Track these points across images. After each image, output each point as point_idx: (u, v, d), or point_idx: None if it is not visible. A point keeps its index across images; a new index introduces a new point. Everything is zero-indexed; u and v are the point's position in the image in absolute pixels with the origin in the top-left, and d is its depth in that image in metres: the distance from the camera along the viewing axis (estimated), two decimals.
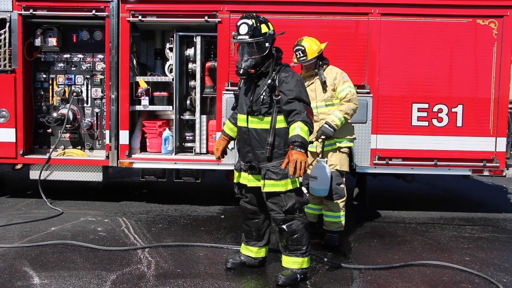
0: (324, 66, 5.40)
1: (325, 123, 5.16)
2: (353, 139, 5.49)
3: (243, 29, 4.13)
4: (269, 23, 4.24)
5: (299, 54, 5.32)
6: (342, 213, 5.34)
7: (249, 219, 4.48)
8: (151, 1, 6.51)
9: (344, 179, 5.36)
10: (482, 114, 6.37)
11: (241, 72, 4.13)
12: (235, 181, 4.45)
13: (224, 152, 4.61)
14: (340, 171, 5.31)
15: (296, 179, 4.14)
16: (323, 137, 5.16)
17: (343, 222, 5.36)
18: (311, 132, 4.05)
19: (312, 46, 5.32)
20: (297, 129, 3.96)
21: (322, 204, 5.49)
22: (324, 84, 5.27)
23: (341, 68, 6.36)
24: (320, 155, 5.28)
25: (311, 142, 5.12)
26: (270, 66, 4.18)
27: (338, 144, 5.31)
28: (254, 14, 4.23)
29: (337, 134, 5.24)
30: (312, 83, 5.35)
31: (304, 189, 4.84)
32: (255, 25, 4.13)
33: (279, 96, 4.09)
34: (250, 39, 4.11)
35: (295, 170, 3.88)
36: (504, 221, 6.53)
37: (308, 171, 5.17)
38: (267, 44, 4.15)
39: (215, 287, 4.15)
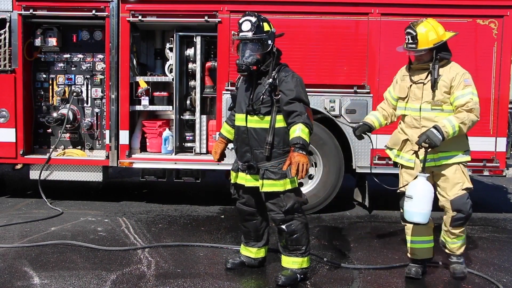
0: (443, 61, 4.30)
1: (434, 127, 4.10)
2: (468, 152, 4.42)
3: (246, 26, 4.12)
4: (270, 23, 4.25)
5: (408, 39, 4.30)
6: (465, 233, 4.48)
7: (247, 220, 4.47)
8: (151, 1, 6.51)
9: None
10: (482, 114, 6.33)
11: (243, 68, 4.12)
12: (232, 181, 4.44)
13: (222, 155, 4.60)
14: (467, 188, 4.31)
15: (295, 178, 4.14)
16: (425, 144, 4.09)
17: (464, 247, 4.50)
18: (311, 134, 4.05)
19: (428, 34, 4.23)
20: (298, 131, 3.96)
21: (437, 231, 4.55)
22: (435, 83, 4.22)
23: (341, 68, 6.41)
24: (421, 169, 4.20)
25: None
26: (270, 65, 4.18)
27: (454, 160, 4.26)
28: (256, 13, 4.24)
29: (452, 146, 4.25)
30: (421, 79, 4.32)
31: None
32: (258, 23, 4.13)
33: (279, 96, 4.10)
34: (253, 36, 4.11)
35: (297, 172, 3.87)
36: (504, 221, 6.53)
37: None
38: (269, 42, 4.15)
39: (215, 287, 4.16)
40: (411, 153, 4.34)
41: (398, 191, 4.48)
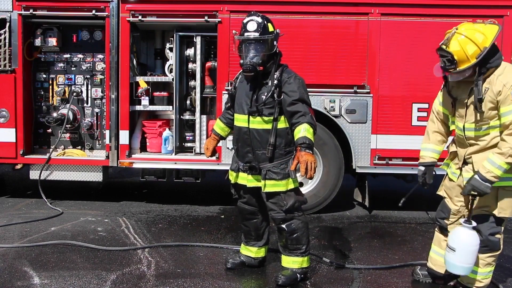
0: (490, 70, 3.66)
1: (477, 174, 3.65)
2: None
3: (252, 26, 4.10)
4: (273, 24, 4.24)
5: (444, 62, 3.65)
6: (490, 269, 3.94)
7: (247, 219, 4.48)
8: (151, 1, 6.51)
9: (502, 228, 3.88)
10: None
11: (249, 69, 4.08)
12: (232, 182, 4.43)
13: (214, 152, 4.60)
14: (498, 217, 3.81)
15: (297, 178, 4.15)
16: (474, 193, 3.67)
17: (487, 280, 3.97)
18: (315, 134, 4.05)
19: (466, 48, 3.57)
20: (303, 130, 3.97)
21: None
22: (479, 103, 3.63)
23: (341, 68, 6.40)
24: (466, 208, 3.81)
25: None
26: (272, 66, 4.17)
27: (498, 183, 3.73)
28: (260, 14, 4.23)
29: None
30: (463, 97, 3.78)
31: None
32: (264, 23, 4.12)
33: (281, 97, 4.10)
34: (260, 36, 4.09)
35: (306, 171, 3.86)
36: None
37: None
38: (275, 43, 4.15)
39: (215, 287, 4.16)
40: (457, 167, 3.98)
41: (438, 193, 4.24)
